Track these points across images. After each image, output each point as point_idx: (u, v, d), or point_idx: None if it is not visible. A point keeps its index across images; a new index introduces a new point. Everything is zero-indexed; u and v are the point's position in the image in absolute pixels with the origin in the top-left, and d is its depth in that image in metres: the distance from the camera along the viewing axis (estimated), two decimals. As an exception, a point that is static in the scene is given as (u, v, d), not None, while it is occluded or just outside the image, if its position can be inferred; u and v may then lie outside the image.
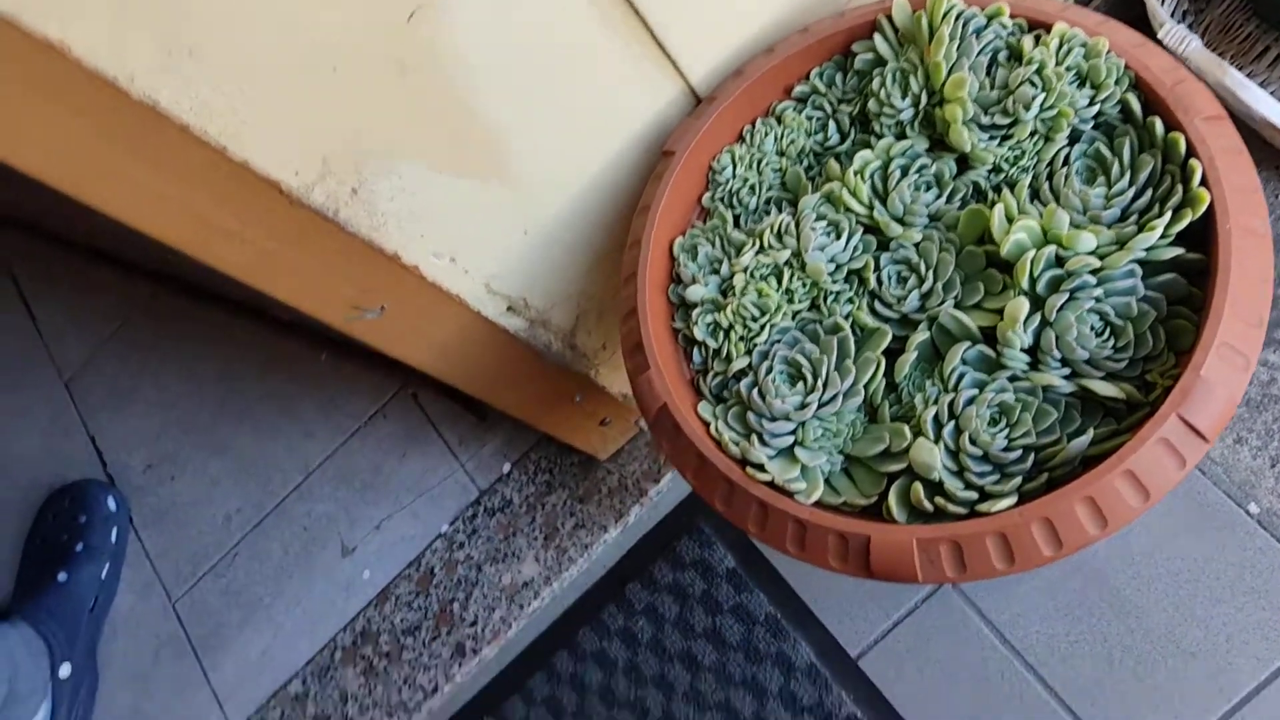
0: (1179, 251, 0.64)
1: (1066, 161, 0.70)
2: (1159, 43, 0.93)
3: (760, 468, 0.69)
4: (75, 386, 1.49)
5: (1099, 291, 0.65)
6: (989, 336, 0.69)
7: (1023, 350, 0.67)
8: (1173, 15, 1.02)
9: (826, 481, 0.70)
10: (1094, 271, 0.66)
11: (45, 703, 1.23)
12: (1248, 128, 0.93)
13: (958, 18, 0.73)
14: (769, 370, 0.72)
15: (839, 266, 0.73)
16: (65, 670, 1.24)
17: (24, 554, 1.37)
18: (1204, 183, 0.63)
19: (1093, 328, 0.65)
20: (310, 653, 1.21)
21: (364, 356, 1.26)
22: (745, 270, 0.74)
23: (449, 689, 1.13)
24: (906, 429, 0.68)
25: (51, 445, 1.46)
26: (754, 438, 0.71)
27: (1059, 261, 0.67)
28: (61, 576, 1.27)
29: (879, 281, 0.72)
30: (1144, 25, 0.98)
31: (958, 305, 0.70)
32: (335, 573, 1.24)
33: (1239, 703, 0.87)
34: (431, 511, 1.22)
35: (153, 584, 1.32)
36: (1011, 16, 0.74)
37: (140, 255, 1.44)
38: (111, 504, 1.35)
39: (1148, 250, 0.65)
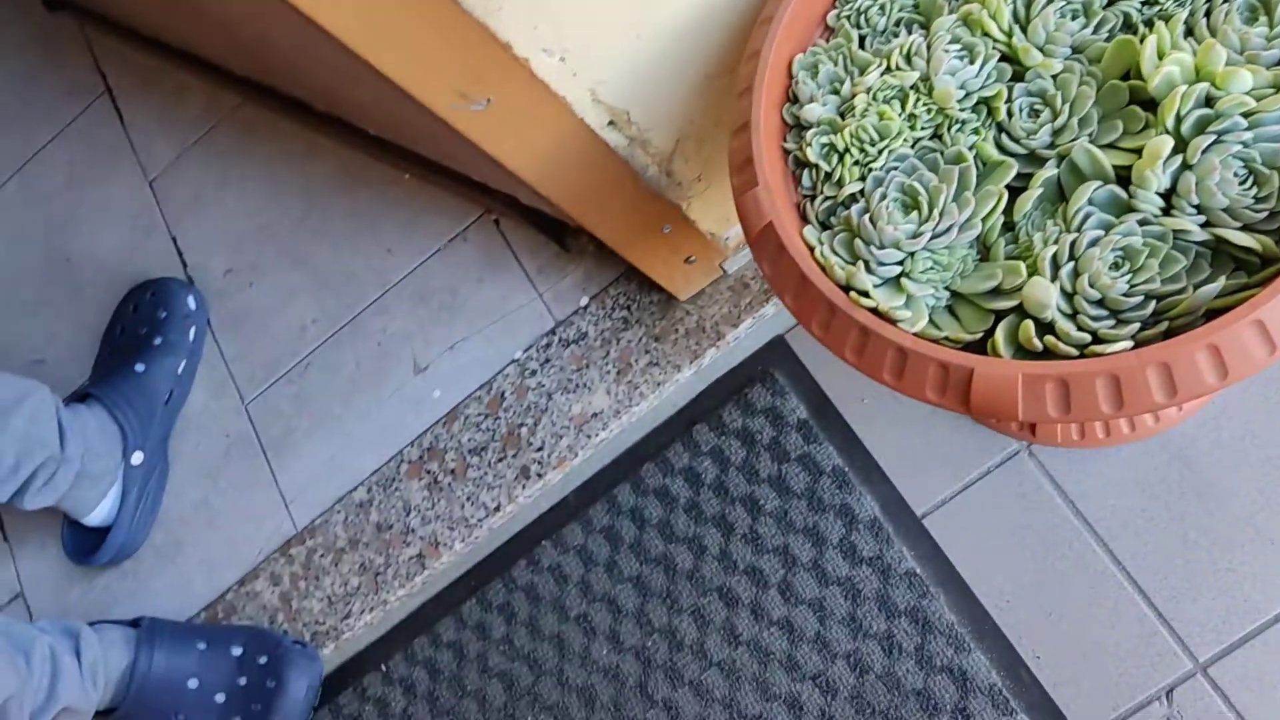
0: (1344, 98, 0.60)
1: (1228, -2, 0.65)
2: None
3: (864, 294, 0.68)
4: (159, 187, 1.50)
5: (1248, 135, 0.62)
6: (1121, 179, 0.65)
7: (1157, 193, 0.63)
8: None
9: (930, 318, 0.68)
10: (1246, 114, 0.62)
11: (116, 486, 1.27)
12: None
13: None
14: (882, 197, 0.69)
15: (968, 94, 0.70)
16: (137, 457, 1.28)
17: (103, 342, 1.40)
18: (1384, 24, 0.59)
19: (1236, 174, 0.61)
20: (377, 464, 1.23)
21: (449, 177, 1.25)
22: (868, 91, 0.71)
23: (511, 509, 1.15)
24: (1022, 266, 0.65)
25: (134, 242, 1.48)
26: (860, 264, 0.69)
27: (1208, 102, 0.63)
28: (139, 367, 1.30)
29: (1009, 113, 0.69)
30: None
31: (1092, 142, 0.66)
32: (406, 389, 1.25)
33: (1316, 591, 0.86)
34: (506, 338, 1.22)
35: (226, 384, 1.35)
36: None
37: (230, 60, 1.43)
38: (191, 303, 1.36)
39: (1308, 96, 0.61)
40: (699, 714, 1.03)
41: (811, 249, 0.71)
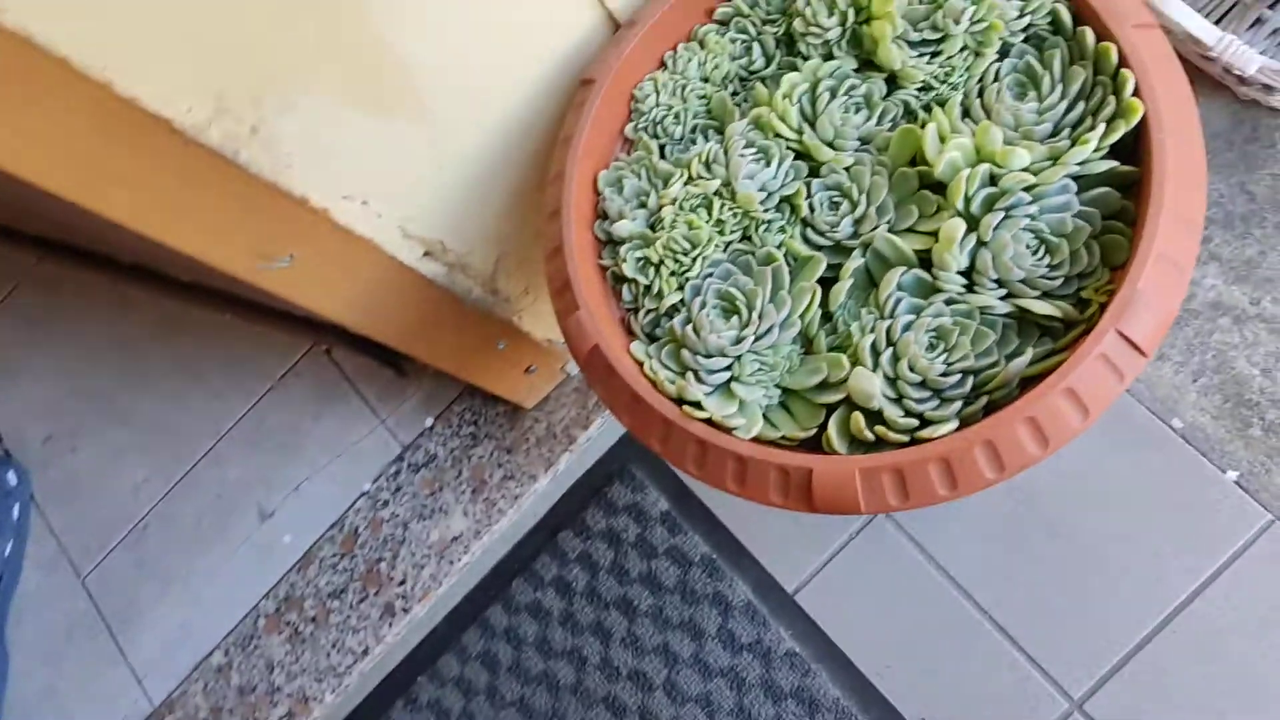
0: (1113, 164, 0.63)
1: (997, 77, 0.68)
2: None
3: (697, 405, 0.67)
4: (-39, 361, 1.41)
5: (1034, 209, 0.64)
6: (924, 261, 0.67)
7: (959, 273, 0.66)
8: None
9: (764, 416, 0.69)
10: (1028, 189, 0.65)
11: (-49, 689, 1.17)
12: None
13: (881, -68, 0.71)
14: (702, 305, 0.70)
15: (770, 194, 0.71)
16: (-30, 656, 1.18)
17: (-82, 536, 1.29)
18: (1136, 93, 0.62)
19: (1028, 246, 0.64)
20: (232, 623, 1.17)
21: (272, 314, 1.21)
22: (674, 202, 0.72)
23: (380, 650, 1.10)
24: (844, 358, 0.66)
25: (-60, 422, 1.38)
26: (689, 375, 0.69)
27: (993, 180, 0.66)
28: (-40, 558, 1.21)
29: (811, 208, 0.70)
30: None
31: (892, 229, 0.68)
32: (254, 538, 1.19)
33: (1171, 613, 0.89)
34: (353, 471, 1.18)
35: (59, 560, 1.26)
36: (935, -70, 0.72)
37: (25, 221, 1.35)
38: (11, 478, 1.28)
39: (1081, 164, 0.64)
40: (603, 833, 1.00)
41: (640, 364, 0.71)
